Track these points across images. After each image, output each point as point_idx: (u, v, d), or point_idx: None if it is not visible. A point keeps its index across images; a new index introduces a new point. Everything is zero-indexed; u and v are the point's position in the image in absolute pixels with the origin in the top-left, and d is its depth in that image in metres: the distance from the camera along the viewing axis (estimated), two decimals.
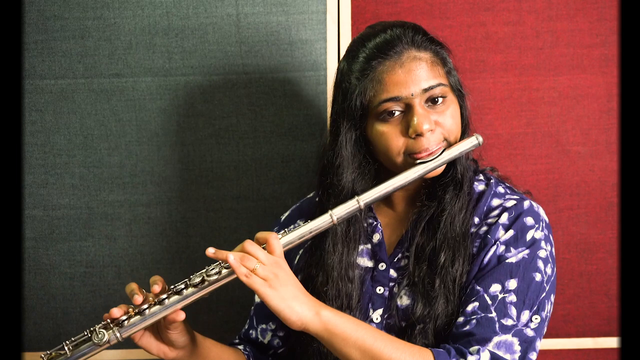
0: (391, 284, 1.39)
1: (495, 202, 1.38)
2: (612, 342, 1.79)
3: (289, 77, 1.76)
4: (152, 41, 1.75)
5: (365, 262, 1.42)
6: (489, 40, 1.75)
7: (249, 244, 1.25)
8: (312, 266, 1.43)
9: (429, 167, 1.32)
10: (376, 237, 1.43)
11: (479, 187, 1.41)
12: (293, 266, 1.47)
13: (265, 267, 1.23)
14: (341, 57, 1.75)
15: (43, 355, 1.27)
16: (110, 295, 1.79)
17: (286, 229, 1.32)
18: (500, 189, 1.40)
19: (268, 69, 1.75)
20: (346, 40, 1.75)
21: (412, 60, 1.32)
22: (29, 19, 1.73)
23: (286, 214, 1.58)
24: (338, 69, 1.42)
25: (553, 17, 1.75)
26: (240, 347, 1.51)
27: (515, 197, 1.38)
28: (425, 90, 1.31)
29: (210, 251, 1.25)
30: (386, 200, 1.44)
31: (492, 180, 1.42)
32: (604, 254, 1.78)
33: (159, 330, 1.32)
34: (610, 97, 1.76)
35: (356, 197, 1.31)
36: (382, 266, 1.40)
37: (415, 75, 1.31)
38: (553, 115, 1.77)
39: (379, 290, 1.39)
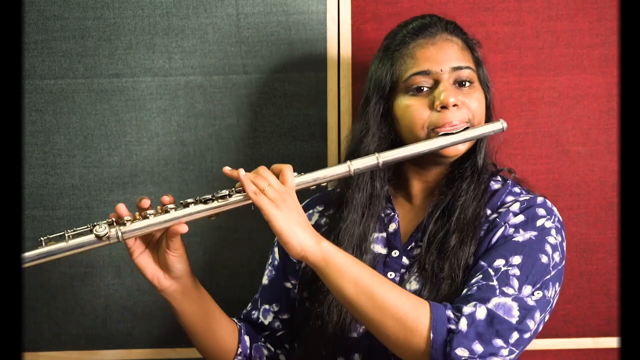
0: (402, 270, 1.40)
1: (510, 198, 1.40)
2: (612, 342, 1.79)
3: (289, 77, 1.76)
4: (152, 41, 1.75)
5: (379, 249, 1.44)
6: (489, 40, 1.75)
7: (263, 169, 1.28)
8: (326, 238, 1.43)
9: (451, 140, 1.35)
10: (392, 227, 1.45)
11: (495, 185, 1.44)
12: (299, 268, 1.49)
13: (274, 190, 1.25)
14: (341, 57, 1.76)
15: (42, 239, 1.28)
16: (110, 295, 1.79)
17: (297, 173, 1.32)
18: (516, 189, 1.43)
19: (268, 69, 1.75)
20: (346, 40, 1.75)
21: (445, 40, 1.41)
22: (29, 19, 1.73)
23: (304, 203, 1.58)
24: (376, 53, 1.48)
25: (553, 17, 1.75)
26: (234, 320, 1.51)
27: (530, 195, 1.40)
28: (454, 69, 1.38)
29: (227, 169, 1.30)
30: (404, 192, 1.48)
31: (508, 181, 1.45)
32: (604, 254, 1.78)
33: (158, 251, 1.33)
34: (610, 97, 1.76)
35: (376, 154, 1.34)
36: (395, 253, 1.42)
37: (446, 53, 1.39)
38: (553, 115, 1.77)
39: (390, 275, 1.40)
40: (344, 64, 1.75)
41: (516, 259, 1.28)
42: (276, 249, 1.56)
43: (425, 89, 1.38)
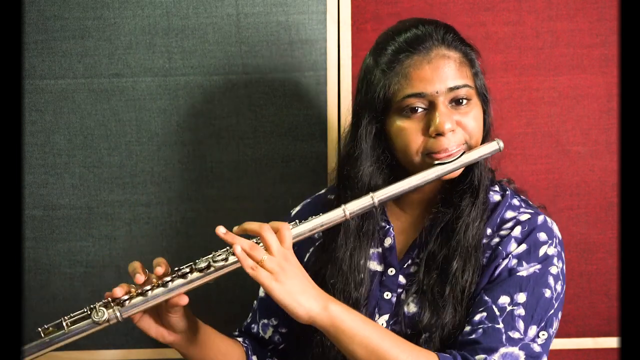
0: (399, 290, 1.38)
1: (509, 214, 1.36)
2: (612, 342, 1.79)
3: (289, 77, 1.76)
4: (152, 41, 1.75)
5: (375, 266, 1.41)
6: (489, 40, 1.75)
7: (267, 231, 1.23)
8: (322, 261, 1.42)
9: (447, 168, 1.30)
10: (388, 241, 1.41)
11: (495, 197, 1.39)
12: (303, 263, 1.45)
13: (273, 259, 1.21)
14: (341, 57, 1.76)
15: (40, 329, 1.24)
16: None
17: (297, 221, 1.29)
18: (515, 202, 1.39)
19: (268, 69, 1.75)
20: (346, 40, 1.75)
21: (441, 57, 1.31)
22: (29, 19, 1.73)
23: (297, 209, 1.56)
24: (364, 61, 1.40)
25: (553, 17, 1.75)
26: (240, 339, 1.50)
27: (529, 210, 1.36)
28: (451, 89, 1.30)
29: (221, 231, 1.24)
30: (400, 204, 1.44)
31: (507, 192, 1.40)
32: (604, 254, 1.78)
33: (159, 312, 1.31)
34: (610, 97, 1.76)
35: (371, 194, 1.29)
36: (391, 271, 1.39)
37: (442, 72, 1.29)
38: (553, 115, 1.77)
39: (387, 295, 1.38)
40: (344, 64, 1.76)
41: (521, 297, 1.27)
42: None
43: (420, 110, 1.30)
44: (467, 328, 1.28)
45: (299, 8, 1.74)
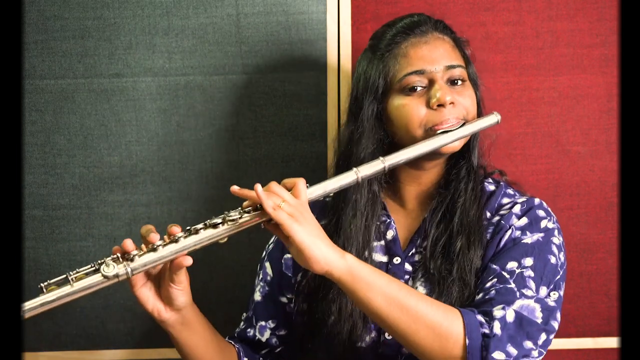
0: (406, 276, 1.39)
1: (506, 200, 1.42)
2: (612, 342, 1.79)
3: (289, 77, 1.76)
4: (152, 41, 1.75)
5: (379, 257, 1.43)
6: (489, 40, 1.75)
7: (275, 185, 1.24)
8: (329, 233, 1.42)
9: (451, 137, 1.34)
10: (390, 234, 1.44)
11: (490, 187, 1.44)
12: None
13: (289, 206, 1.21)
14: (341, 57, 1.76)
15: (42, 285, 1.17)
16: (110, 295, 1.79)
17: (307, 184, 1.29)
18: (510, 191, 1.44)
19: (268, 69, 1.75)
20: (346, 40, 1.75)
21: (437, 39, 1.40)
22: (29, 19, 1.73)
23: None
24: (360, 58, 1.46)
25: (553, 17, 1.75)
26: (231, 342, 1.49)
27: (525, 197, 1.42)
28: (448, 67, 1.37)
29: (235, 188, 1.25)
30: (399, 199, 1.47)
31: (502, 183, 1.46)
32: (604, 254, 1.78)
33: (160, 283, 1.28)
34: (610, 97, 1.76)
35: (380, 158, 1.32)
36: (396, 260, 1.41)
37: (439, 52, 1.38)
38: (553, 115, 1.77)
39: None
40: (344, 64, 1.75)
41: (528, 261, 1.30)
42: (267, 264, 1.53)
43: (420, 88, 1.37)
44: (480, 295, 1.29)
45: (299, 8, 1.74)
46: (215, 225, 1.22)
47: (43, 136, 1.77)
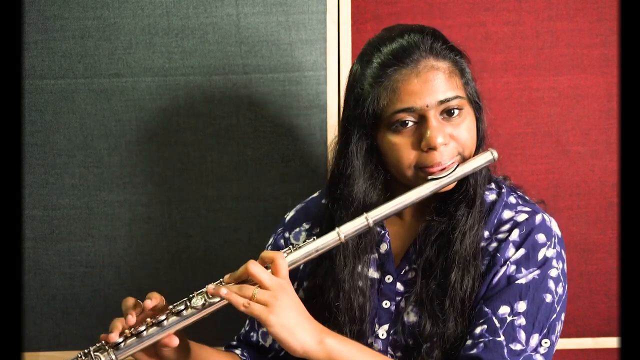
0: (398, 298, 1.36)
1: (507, 214, 1.33)
2: (612, 342, 1.79)
3: (289, 77, 1.76)
4: (152, 41, 1.75)
5: (371, 272, 1.38)
6: (489, 40, 1.75)
7: (252, 265, 1.20)
8: (319, 275, 1.40)
9: (442, 183, 1.27)
10: (384, 247, 1.39)
11: (490, 196, 1.36)
12: (299, 273, 1.44)
13: (264, 292, 1.18)
14: (341, 57, 1.76)
15: None
16: (110, 295, 1.80)
17: (290, 247, 1.26)
18: (512, 199, 1.36)
19: (268, 69, 1.75)
20: (346, 40, 1.75)
21: (429, 70, 1.26)
22: (29, 19, 1.73)
23: (291, 214, 1.53)
24: (351, 72, 1.36)
25: (553, 17, 1.75)
26: (238, 351, 1.49)
27: (526, 209, 1.34)
28: (441, 102, 1.26)
29: (211, 289, 1.22)
30: None
31: (503, 190, 1.37)
32: (604, 254, 1.78)
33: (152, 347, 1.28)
34: (610, 97, 1.76)
35: (365, 215, 1.26)
36: (388, 279, 1.37)
37: (432, 85, 1.25)
38: (553, 115, 1.77)
39: (385, 304, 1.36)
40: (344, 64, 1.75)
41: (521, 306, 1.25)
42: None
43: (411, 123, 1.27)
44: (469, 342, 1.26)
45: (299, 8, 1.74)
46: (196, 307, 1.23)
47: (43, 136, 1.77)
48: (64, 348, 1.81)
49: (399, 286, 1.36)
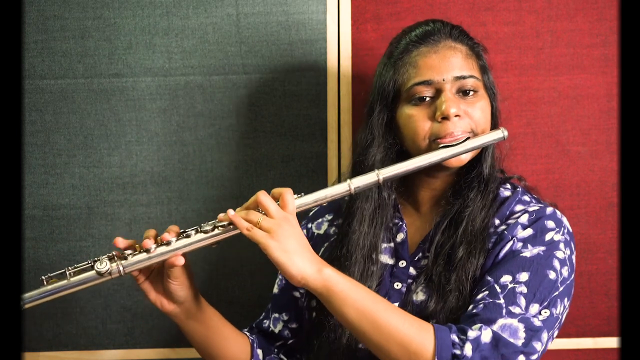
0: (409, 280, 1.39)
1: (519, 207, 1.38)
2: (612, 342, 1.79)
3: (289, 77, 1.76)
4: (152, 41, 1.75)
5: (387, 259, 1.43)
6: (489, 40, 1.75)
7: (262, 195, 1.26)
8: (336, 250, 1.43)
9: (451, 152, 1.33)
10: (400, 237, 1.44)
11: (505, 192, 1.42)
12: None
13: (270, 220, 1.24)
14: (341, 57, 1.76)
15: (44, 278, 1.26)
16: (110, 296, 1.80)
17: (302, 193, 1.31)
18: (526, 198, 1.41)
19: (268, 69, 1.75)
20: (346, 40, 1.75)
21: (448, 48, 1.38)
22: (29, 19, 1.73)
23: (314, 210, 1.58)
24: (381, 58, 1.46)
25: (553, 17, 1.75)
26: (248, 333, 1.52)
27: (539, 205, 1.38)
28: (457, 78, 1.35)
29: (221, 214, 1.29)
30: (413, 202, 1.47)
31: (518, 189, 1.43)
32: (604, 254, 1.78)
33: (161, 278, 1.33)
34: (610, 97, 1.76)
35: (376, 171, 1.32)
36: (402, 264, 1.41)
37: (449, 62, 1.36)
38: (553, 115, 1.77)
39: (397, 285, 1.39)
40: (343, 64, 1.76)
41: (523, 276, 1.27)
42: None
43: (428, 98, 1.36)
44: (470, 306, 1.28)
45: (299, 8, 1.74)
46: (206, 232, 1.28)
47: (43, 136, 1.77)
48: (64, 348, 1.81)
49: (412, 270, 1.40)
